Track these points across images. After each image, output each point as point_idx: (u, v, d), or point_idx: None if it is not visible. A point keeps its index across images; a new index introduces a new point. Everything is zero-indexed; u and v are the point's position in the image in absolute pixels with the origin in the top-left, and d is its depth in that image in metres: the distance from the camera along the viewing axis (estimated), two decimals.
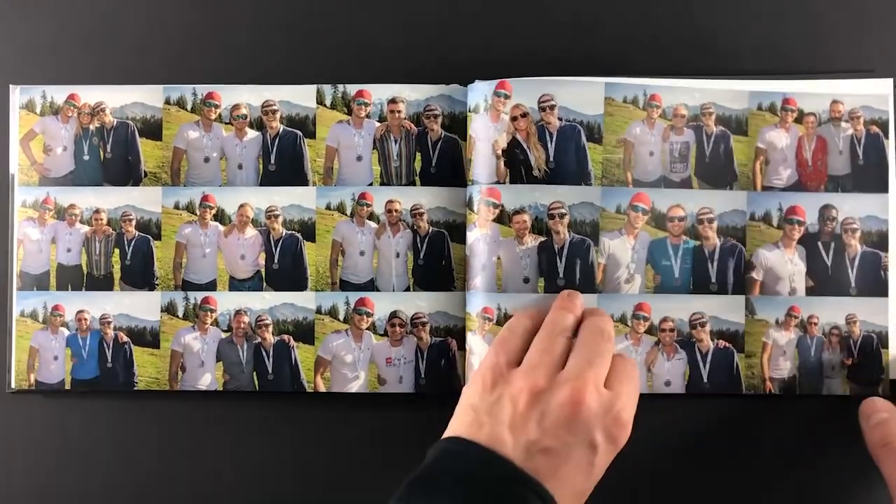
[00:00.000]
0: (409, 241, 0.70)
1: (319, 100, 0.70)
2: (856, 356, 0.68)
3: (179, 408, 0.70)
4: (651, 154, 0.68)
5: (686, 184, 0.68)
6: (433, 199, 0.70)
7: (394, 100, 0.70)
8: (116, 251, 0.70)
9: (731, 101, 0.68)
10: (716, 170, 0.69)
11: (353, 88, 0.70)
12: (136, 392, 0.70)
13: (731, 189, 0.68)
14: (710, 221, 0.68)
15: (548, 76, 0.67)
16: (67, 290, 0.70)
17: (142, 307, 0.70)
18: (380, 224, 0.70)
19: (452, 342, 0.69)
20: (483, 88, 0.67)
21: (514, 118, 0.67)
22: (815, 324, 0.68)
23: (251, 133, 0.70)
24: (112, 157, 0.70)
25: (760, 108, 0.68)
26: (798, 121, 0.68)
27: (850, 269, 0.68)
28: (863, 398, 0.67)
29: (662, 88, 0.68)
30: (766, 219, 0.68)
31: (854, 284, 0.68)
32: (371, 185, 0.70)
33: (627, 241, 0.68)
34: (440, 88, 0.70)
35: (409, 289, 0.70)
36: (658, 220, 0.68)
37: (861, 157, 0.68)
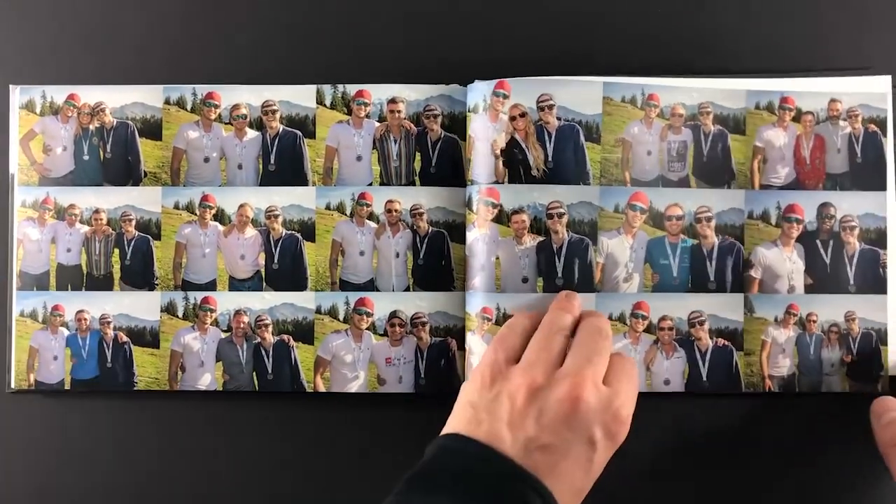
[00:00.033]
0: (409, 241, 0.70)
1: (319, 100, 0.70)
2: (855, 353, 0.68)
3: (179, 408, 0.70)
4: (649, 153, 0.68)
5: (684, 183, 0.69)
6: (433, 199, 0.70)
7: (394, 100, 0.70)
8: (116, 251, 0.70)
9: (729, 101, 0.69)
10: (714, 169, 0.69)
11: (353, 88, 0.70)
12: (136, 392, 0.70)
13: (729, 188, 0.69)
14: (709, 220, 0.68)
15: (547, 76, 0.67)
16: (67, 290, 0.70)
17: (142, 307, 0.70)
18: (379, 224, 0.70)
19: (452, 342, 0.69)
20: (482, 88, 0.68)
21: (513, 118, 0.67)
22: (814, 321, 0.68)
23: (251, 133, 0.70)
24: (112, 157, 0.70)
25: (758, 107, 0.69)
26: (796, 119, 0.69)
27: (849, 267, 0.69)
28: (862, 395, 0.68)
29: (660, 88, 0.68)
30: (765, 217, 0.69)
31: (853, 282, 0.68)
32: (371, 185, 0.70)
33: (626, 241, 0.68)
34: (440, 88, 0.70)
35: (409, 289, 0.70)
36: (656, 220, 0.68)
37: (859, 156, 0.69)
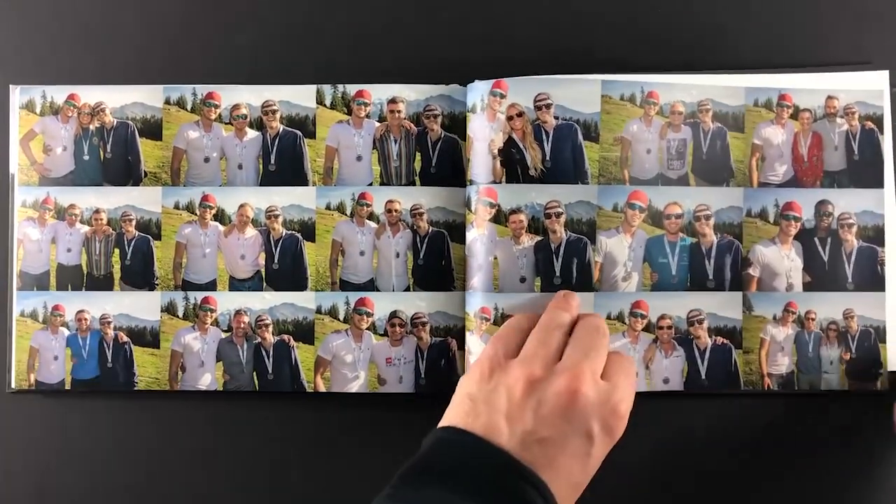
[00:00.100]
0: (409, 241, 0.70)
1: (319, 100, 0.70)
2: (854, 351, 0.68)
3: (179, 408, 0.70)
4: (648, 152, 0.69)
5: (683, 181, 0.69)
6: (433, 199, 0.70)
7: (394, 100, 0.70)
8: (116, 251, 0.70)
9: (728, 98, 0.69)
10: (712, 167, 0.69)
11: (353, 88, 0.70)
12: (136, 392, 0.70)
13: (728, 186, 0.69)
14: (707, 218, 0.68)
15: (547, 74, 0.67)
16: (67, 290, 0.70)
17: (142, 307, 0.70)
18: (380, 224, 0.70)
19: (452, 342, 0.69)
20: (481, 88, 0.68)
21: (511, 117, 0.67)
22: (813, 319, 0.69)
23: (251, 133, 0.70)
24: (112, 157, 0.70)
25: (757, 105, 0.69)
26: (794, 117, 0.69)
27: (847, 265, 0.69)
28: (861, 393, 0.68)
29: (660, 85, 0.69)
30: (763, 215, 0.69)
31: (851, 279, 0.69)
32: (371, 185, 0.70)
33: (624, 240, 0.68)
34: (440, 88, 0.70)
35: (409, 289, 0.70)
36: (655, 218, 0.68)
37: (856, 153, 0.69)
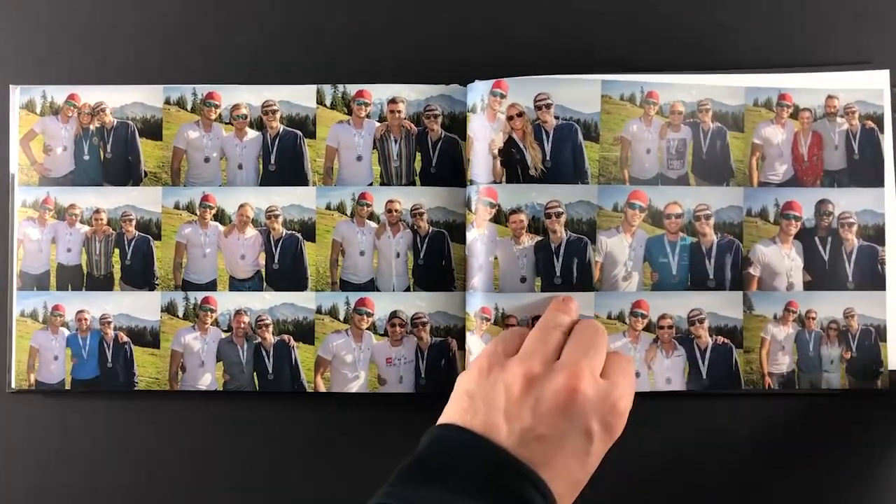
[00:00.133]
0: (410, 241, 0.70)
1: (319, 100, 0.70)
2: (854, 350, 0.68)
3: (179, 408, 0.70)
4: (648, 151, 0.69)
5: (683, 181, 0.69)
6: (433, 199, 0.70)
7: (394, 100, 0.70)
8: (116, 251, 0.70)
9: (728, 98, 0.69)
10: (712, 166, 0.69)
11: (353, 88, 0.70)
12: (136, 392, 0.70)
13: (728, 185, 0.69)
14: (707, 218, 0.68)
15: (547, 74, 0.67)
16: (67, 290, 0.70)
17: (142, 307, 0.70)
18: (380, 224, 0.70)
19: (453, 342, 0.69)
20: (481, 88, 0.68)
21: (511, 117, 0.67)
22: (814, 318, 0.69)
23: (251, 133, 0.70)
24: (112, 157, 0.70)
25: (756, 104, 0.69)
26: (794, 116, 0.69)
27: (848, 264, 0.69)
28: (861, 391, 0.68)
29: (660, 85, 0.69)
30: (763, 214, 0.69)
31: (851, 278, 0.69)
32: (371, 185, 0.70)
33: (625, 239, 0.68)
34: (440, 88, 0.70)
35: (410, 289, 0.70)
36: (655, 218, 0.68)
37: (856, 152, 0.69)
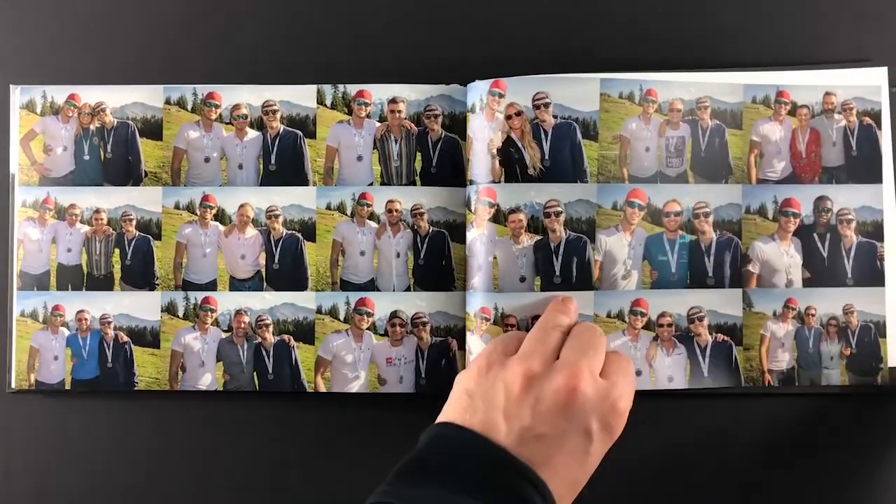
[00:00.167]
0: (410, 241, 0.70)
1: (319, 100, 0.70)
2: (854, 346, 0.69)
3: (179, 408, 0.70)
4: (647, 150, 0.69)
5: (682, 178, 0.69)
6: (433, 199, 0.70)
7: (394, 100, 0.70)
8: (116, 251, 0.70)
9: (727, 95, 0.69)
10: (711, 164, 0.69)
11: (354, 88, 0.70)
12: (136, 392, 0.69)
13: (727, 183, 0.69)
14: (706, 215, 0.69)
15: (546, 73, 0.67)
16: (67, 290, 0.70)
17: (142, 307, 0.70)
18: (380, 224, 0.70)
19: (453, 342, 0.69)
20: (480, 88, 0.68)
21: (509, 117, 0.67)
22: (813, 315, 0.69)
23: (251, 133, 0.71)
24: (112, 157, 0.70)
25: (755, 101, 0.69)
26: (792, 113, 0.69)
27: (846, 260, 0.69)
28: (861, 388, 0.68)
29: (658, 83, 0.69)
30: (762, 212, 0.69)
31: (850, 275, 0.69)
32: (371, 185, 0.70)
33: (624, 238, 0.68)
34: (440, 88, 0.70)
35: (410, 289, 0.70)
36: (654, 216, 0.69)
37: (854, 148, 0.69)
